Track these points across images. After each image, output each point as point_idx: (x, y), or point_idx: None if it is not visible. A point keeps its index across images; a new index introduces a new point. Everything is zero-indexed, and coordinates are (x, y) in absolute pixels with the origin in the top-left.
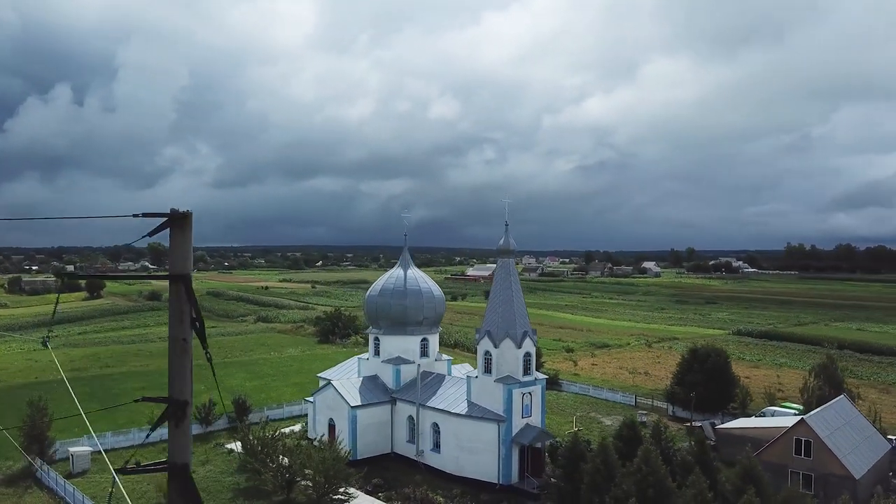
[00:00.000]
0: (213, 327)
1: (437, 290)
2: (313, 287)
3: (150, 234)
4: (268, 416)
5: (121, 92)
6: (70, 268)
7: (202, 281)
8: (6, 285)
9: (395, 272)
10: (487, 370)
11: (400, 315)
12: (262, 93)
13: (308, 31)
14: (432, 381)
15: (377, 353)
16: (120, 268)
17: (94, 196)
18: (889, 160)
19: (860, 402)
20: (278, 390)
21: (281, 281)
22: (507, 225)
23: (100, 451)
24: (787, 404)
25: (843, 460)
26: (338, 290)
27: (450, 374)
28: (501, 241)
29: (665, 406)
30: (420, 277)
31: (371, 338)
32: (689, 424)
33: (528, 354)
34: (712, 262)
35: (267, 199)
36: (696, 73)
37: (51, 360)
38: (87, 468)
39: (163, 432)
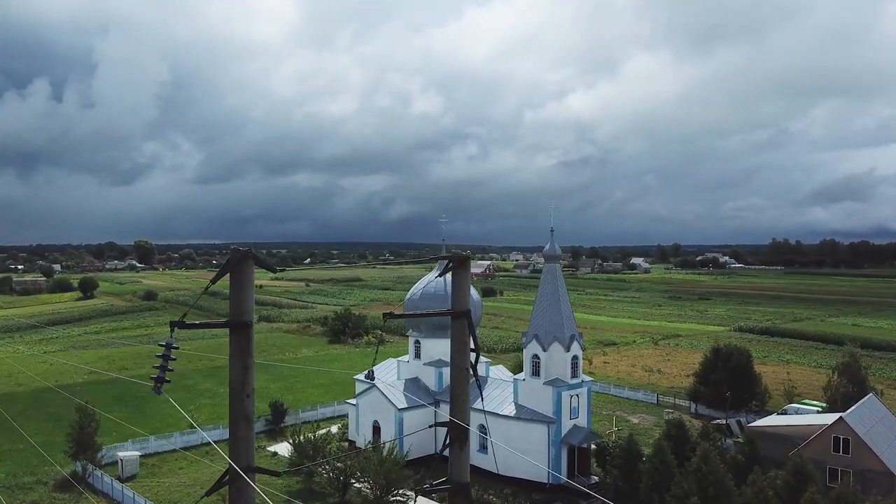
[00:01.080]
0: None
1: (475, 294)
2: (307, 285)
3: (440, 275)
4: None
5: (99, 87)
6: (57, 267)
7: (193, 280)
8: None
9: (432, 276)
10: (535, 373)
11: (441, 318)
12: (242, 88)
13: (289, 26)
14: (473, 383)
15: (417, 355)
16: (107, 266)
17: (72, 193)
18: (863, 155)
19: (882, 399)
20: (304, 392)
21: (273, 279)
22: (552, 231)
23: (143, 455)
24: (808, 402)
25: (881, 456)
26: (333, 289)
27: (487, 375)
28: (547, 247)
29: (687, 404)
30: None
31: (412, 341)
32: (717, 422)
33: (575, 357)
34: (699, 258)
35: (247, 195)
36: (676, 69)
37: (65, 363)
38: (136, 472)
39: (211, 434)
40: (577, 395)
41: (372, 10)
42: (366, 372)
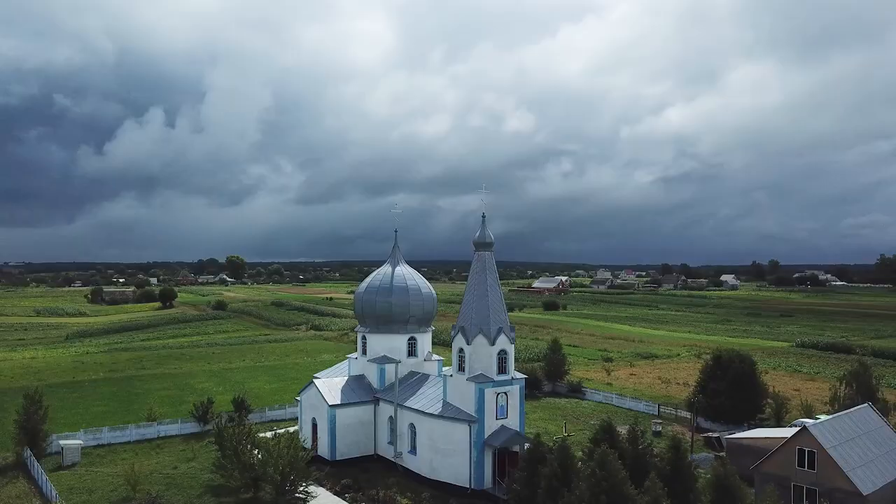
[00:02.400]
0: (266, 335)
1: (425, 288)
2: None
3: None
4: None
5: (208, 113)
6: (154, 280)
7: (273, 293)
8: (89, 296)
9: (384, 269)
10: (461, 368)
11: (385, 313)
12: (340, 111)
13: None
14: (416, 381)
15: (364, 352)
16: (200, 280)
17: (185, 213)
18: None
19: (894, 413)
20: (294, 393)
21: (349, 292)
22: (483, 217)
23: (96, 446)
24: (822, 417)
25: (849, 474)
26: None
27: (439, 374)
28: (477, 234)
29: (689, 416)
30: (409, 275)
31: (358, 336)
32: (704, 435)
33: (503, 352)
34: (797, 276)
35: (347, 215)
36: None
37: (95, 362)
38: (77, 461)
39: (168, 428)
40: (506, 394)
41: (464, 31)
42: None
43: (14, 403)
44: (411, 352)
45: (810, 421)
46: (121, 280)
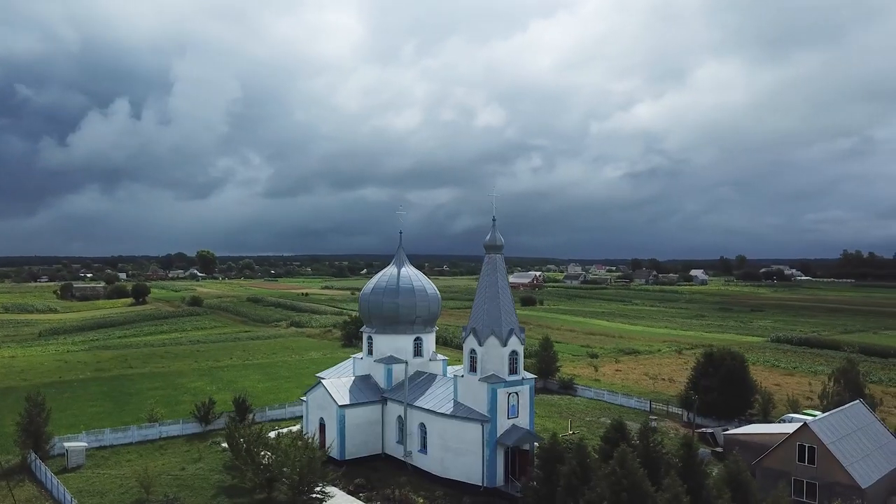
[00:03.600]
0: (246, 332)
1: (431, 289)
2: (352, 294)
3: None
4: (252, 416)
5: (175, 105)
6: (122, 275)
7: (246, 288)
8: (58, 291)
9: (389, 270)
10: (473, 369)
11: (392, 314)
12: (309, 104)
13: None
14: (423, 381)
15: (370, 352)
16: (170, 275)
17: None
18: None
19: (881, 409)
20: (289, 391)
21: (323, 288)
22: (494, 220)
23: (98, 447)
24: (810, 411)
25: (848, 468)
26: None
27: (444, 374)
28: (488, 237)
29: (680, 412)
30: (414, 276)
31: (364, 337)
32: (698, 430)
33: (514, 353)
34: (763, 270)
35: (316, 209)
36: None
37: (79, 361)
38: (82, 463)
39: (170, 429)
40: (517, 394)
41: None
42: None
43: (3, 404)
44: (417, 352)
45: (801, 416)
46: (88, 275)
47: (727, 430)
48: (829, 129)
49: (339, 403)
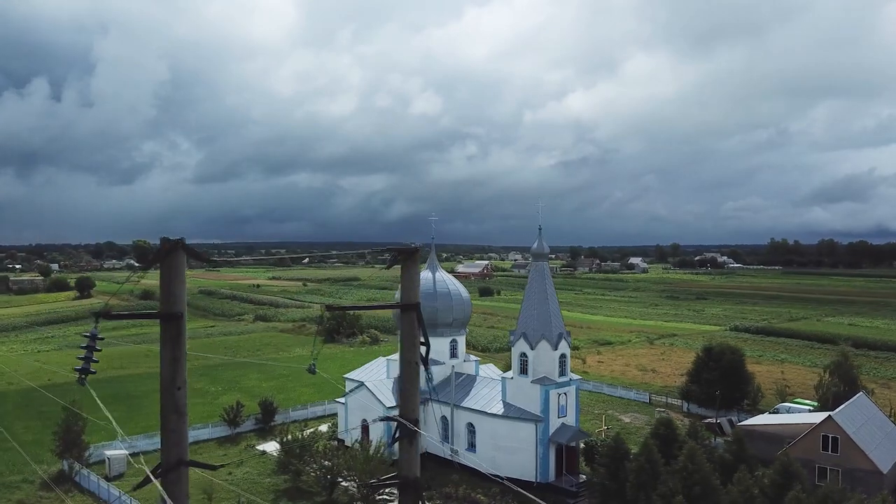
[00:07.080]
0: (212, 326)
1: (464, 293)
2: (305, 285)
3: (387, 267)
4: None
5: (98, 86)
6: (55, 266)
7: (192, 279)
8: None
9: (424, 275)
10: (523, 371)
11: (430, 317)
12: (241, 88)
13: (288, 25)
14: (464, 382)
15: None
16: (105, 266)
17: (72, 192)
18: (863, 155)
19: (874, 398)
20: (296, 391)
21: (271, 279)
22: (540, 229)
23: (133, 454)
24: (800, 401)
25: (870, 455)
26: (330, 288)
27: (477, 374)
28: (535, 245)
29: (679, 403)
30: (448, 279)
31: (399, 338)
32: (707, 421)
33: (563, 356)
34: (697, 258)
35: (246, 195)
36: (676, 69)
37: (58, 362)
38: (124, 471)
39: (199, 433)
40: (566, 394)
41: (371, 10)
42: (308, 365)
43: (3, 410)
44: (453, 353)
45: (798, 406)
46: (17, 266)
47: (732, 419)
48: (748, 122)
49: (387, 405)
